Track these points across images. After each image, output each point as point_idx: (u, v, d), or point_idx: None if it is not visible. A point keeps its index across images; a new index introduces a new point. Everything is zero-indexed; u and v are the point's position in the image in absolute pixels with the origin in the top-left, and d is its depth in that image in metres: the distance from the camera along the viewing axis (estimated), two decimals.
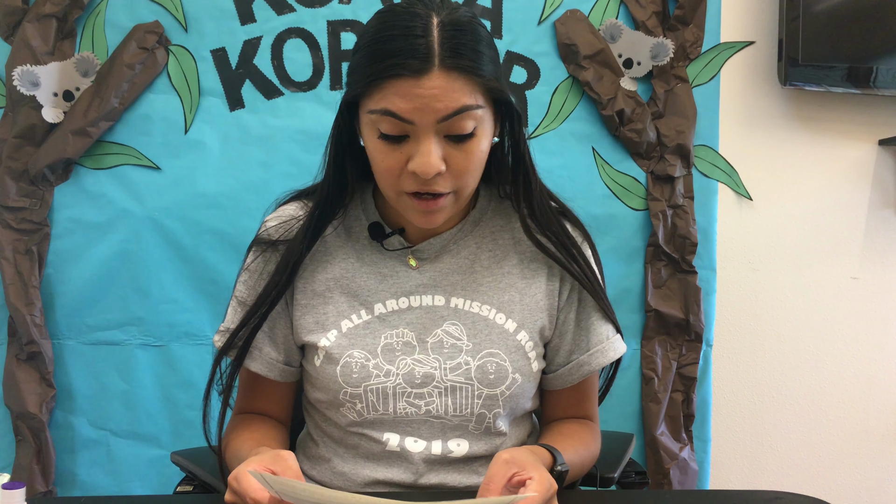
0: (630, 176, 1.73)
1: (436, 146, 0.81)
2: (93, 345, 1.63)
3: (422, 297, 0.93)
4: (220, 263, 1.62)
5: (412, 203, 0.85)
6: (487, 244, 0.96)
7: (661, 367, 1.74)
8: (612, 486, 1.00)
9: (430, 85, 0.79)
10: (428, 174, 0.81)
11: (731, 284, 1.88)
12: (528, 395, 0.94)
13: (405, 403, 0.90)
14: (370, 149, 0.85)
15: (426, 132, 0.81)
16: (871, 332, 1.97)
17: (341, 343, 0.91)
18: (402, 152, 0.83)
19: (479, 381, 0.90)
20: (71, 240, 1.62)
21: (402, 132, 0.82)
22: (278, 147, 1.65)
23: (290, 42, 1.66)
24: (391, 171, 0.84)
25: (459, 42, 0.80)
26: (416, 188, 0.84)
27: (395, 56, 0.79)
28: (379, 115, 0.81)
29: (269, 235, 0.95)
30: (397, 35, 0.80)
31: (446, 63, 0.79)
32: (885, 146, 1.92)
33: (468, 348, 0.90)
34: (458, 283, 0.93)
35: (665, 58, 1.71)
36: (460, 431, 0.92)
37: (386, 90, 0.80)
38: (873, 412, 1.99)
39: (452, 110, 0.80)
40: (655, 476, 1.72)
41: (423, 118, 0.80)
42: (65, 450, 1.63)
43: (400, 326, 0.91)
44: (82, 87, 1.60)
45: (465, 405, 0.90)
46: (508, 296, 0.93)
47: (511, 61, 1.70)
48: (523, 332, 0.92)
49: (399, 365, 0.90)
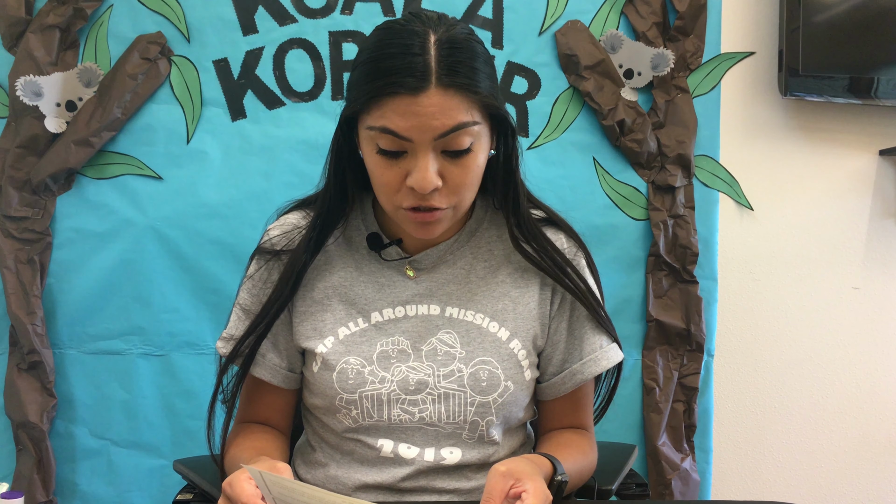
0: (631, 186, 1.73)
1: (433, 162, 0.82)
2: (94, 354, 1.63)
3: (418, 307, 0.94)
4: (222, 273, 1.63)
5: (410, 216, 0.86)
6: (483, 254, 0.97)
7: (662, 377, 1.73)
8: (611, 498, 0.99)
9: (427, 103, 0.80)
10: (425, 190, 0.82)
11: (732, 294, 1.88)
12: (520, 403, 0.95)
13: (399, 410, 0.91)
14: (369, 163, 0.87)
15: (423, 149, 0.82)
16: (872, 342, 1.97)
17: (338, 350, 0.92)
18: (401, 167, 0.84)
19: (471, 388, 0.91)
20: (72, 249, 1.62)
21: (399, 148, 0.83)
22: (280, 157, 1.66)
23: (292, 52, 1.67)
24: (389, 185, 0.85)
25: (456, 60, 0.81)
26: (414, 203, 0.85)
27: (392, 74, 0.80)
28: (377, 131, 0.82)
29: (273, 245, 0.96)
30: (395, 53, 0.81)
31: (443, 81, 0.80)
32: (885, 156, 1.92)
33: (461, 356, 0.92)
34: (453, 292, 0.94)
35: (665, 68, 1.72)
36: (454, 440, 0.93)
37: (384, 108, 0.81)
38: (874, 422, 1.98)
39: (449, 127, 0.81)
40: (657, 487, 1.72)
41: (421, 135, 0.81)
42: (65, 459, 1.63)
43: (396, 334, 0.93)
44: (85, 98, 1.61)
45: (458, 412, 0.91)
46: (502, 305, 0.94)
47: (512, 72, 1.71)
48: (516, 340, 0.93)
49: (394, 372, 0.91)
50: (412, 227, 0.88)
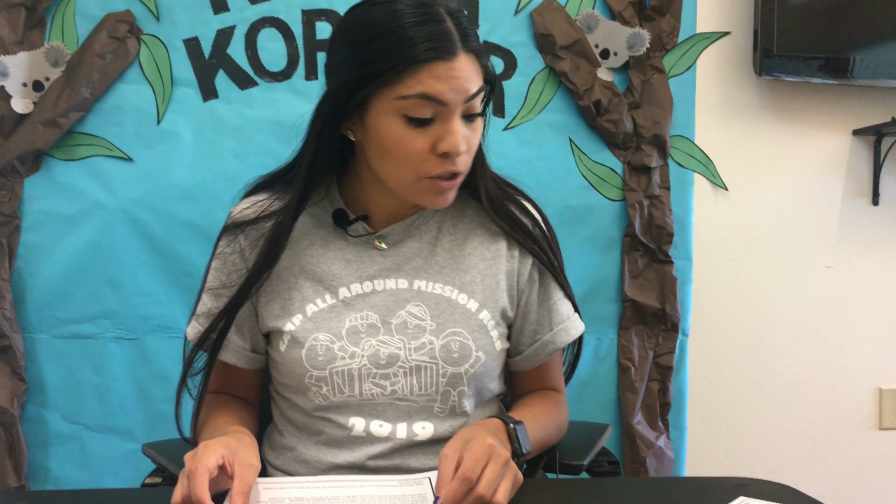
0: (607, 166, 1.73)
1: (461, 125, 0.85)
2: (65, 338, 1.61)
3: (385, 281, 0.94)
4: (194, 256, 1.61)
5: (430, 185, 0.87)
6: (448, 227, 0.97)
7: (637, 356, 1.74)
8: (581, 474, 1.00)
9: (461, 67, 0.83)
10: (460, 152, 0.85)
11: (706, 274, 1.89)
12: (492, 373, 0.95)
13: (371, 385, 0.91)
14: (392, 136, 0.85)
15: (454, 112, 0.84)
16: (845, 321, 1.99)
17: (306, 327, 0.92)
18: (428, 135, 0.85)
19: (443, 359, 0.91)
20: (42, 232, 1.60)
21: (432, 115, 0.84)
22: (253, 138, 1.64)
23: (265, 32, 1.64)
24: (418, 155, 0.85)
25: (467, 27, 0.85)
26: (443, 170, 0.86)
27: (427, 40, 0.82)
28: (414, 98, 0.83)
29: (236, 220, 0.96)
30: (420, 21, 0.82)
31: (467, 46, 0.84)
32: (859, 136, 1.94)
33: (432, 328, 0.92)
34: (420, 266, 0.95)
35: (641, 48, 1.71)
36: (425, 414, 0.93)
37: (420, 74, 0.82)
38: (847, 400, 2.01)
39: (476, 90, 0.85)
40: (632, 465, 1.73)
41: (456, 98, 0.84)
42: (37, 444, 1.61)
43: (364, 309, 0.92)
44: (52, 78, 1.58)
45: (429, 384, 0.91)
46: (470, 276, 0.95)
47: (488, 51, 1.69)
48: (485, 311, 0.94)
49: (364, 346, 0.91)
50: (430, 196, 0.89)
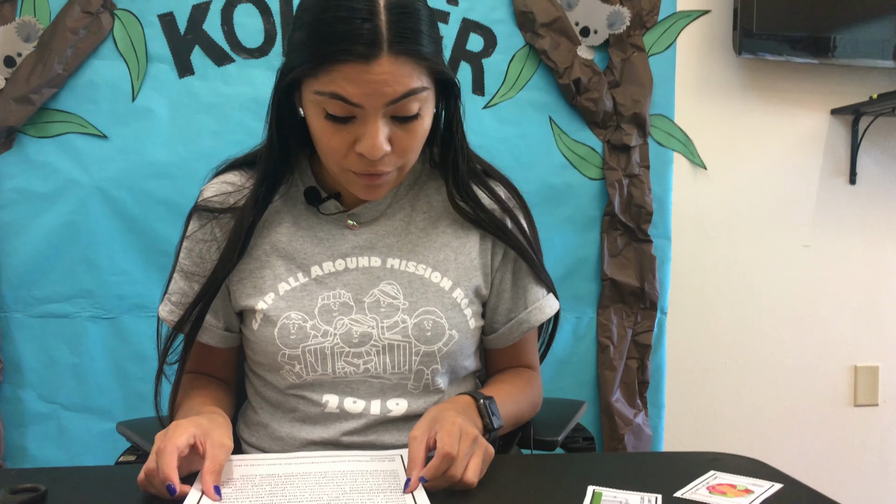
0: (587, 145, 1.73)
1: (382, 128, 0.81)
2: (41, 318, 1.60)
3: (358, 259, 0.93)
4: (170, 234, 1.59)
5: (357, 178, 0.86)
6: (422, 206, 0.97)
7: (616, 334, 1.75)
8: (556, 450, 1.00)
9: (378, 70, 0.78)
10: (375, 156, 0.81)
11: (685, 253, 1.90)
12: (466, 352, 0.95)
13: (343, 363, 0.91)
14: (315, 127, 0.85)
15: (374, 115, 0.80)
16: (822, 300, 2.01)
17: (279, 305, 0.91)
18: (349, 133, 0.82)
19: (416, 338, 0.91)
20: (15, 210, 1.58)
21: (348, 114, 0.81)
22: (229, 115, 1.62)
23: (241, 7, 1.62)
24: (337, 150, 0.84)
25: (405, 26, 0.79)
26: (363, 169, 0.84)
27: (342, 40, 0.77)
28: (326, 97, 0.80)
29: (212, 203, 0.94)
30: (343, 17, 0.77)
31: (394, 48, 0.78)
32: (837, 115, 1.95)
33: (405, 307, 0.91)
34: (393, 244, 0.94)
35: (621, 26, 1.71)
36: (399, 391, 0.93)
37: (333, 73, 0.78)
38: (822, 378, 2.04)
39: (400, 94, 0.80)
40: (611, 442, 1.75)
41: (372, 102, 0.79)
42: (14, 424, 1.60)
43: (337, 288, 0.92)
44: (24, 53, 1.55)
45: (402, 363, 0.91)
46: (443, 255, 0.94)
47: (468, 29, 1.68)
48: (459, 289, 0.94)
49: (336, 325, 0.91)
50: (358, 188, 0.87)
